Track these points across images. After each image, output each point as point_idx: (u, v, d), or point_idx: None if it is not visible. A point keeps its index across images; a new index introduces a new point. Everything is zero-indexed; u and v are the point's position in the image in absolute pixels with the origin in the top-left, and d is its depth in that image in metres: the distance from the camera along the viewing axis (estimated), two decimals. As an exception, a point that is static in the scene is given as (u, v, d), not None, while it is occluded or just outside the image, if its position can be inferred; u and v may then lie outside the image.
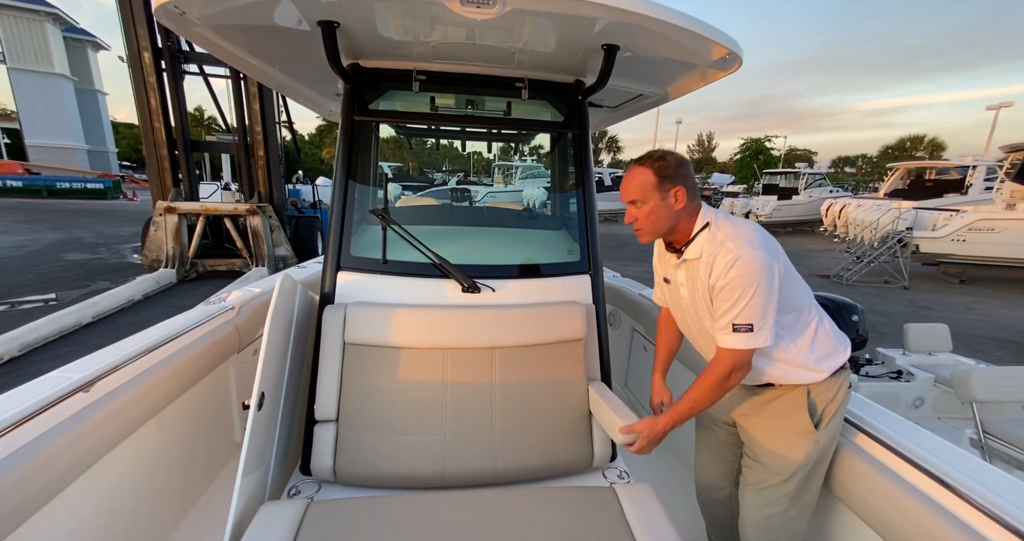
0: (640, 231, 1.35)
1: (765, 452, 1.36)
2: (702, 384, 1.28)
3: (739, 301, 1.20)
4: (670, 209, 1.29)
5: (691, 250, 1.32)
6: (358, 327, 1.63)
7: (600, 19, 1.35)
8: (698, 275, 1.31)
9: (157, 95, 7.75)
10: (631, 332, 2.76)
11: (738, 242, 1.21)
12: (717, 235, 1.27)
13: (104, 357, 1.41)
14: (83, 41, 30.47)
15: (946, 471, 1.08)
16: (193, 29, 1.43)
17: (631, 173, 1.32)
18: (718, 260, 1.22)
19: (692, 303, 1.37)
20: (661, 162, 1.28)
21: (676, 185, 1.27)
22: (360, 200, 1.95)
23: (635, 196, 1.30)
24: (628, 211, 1.35)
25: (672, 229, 1.33)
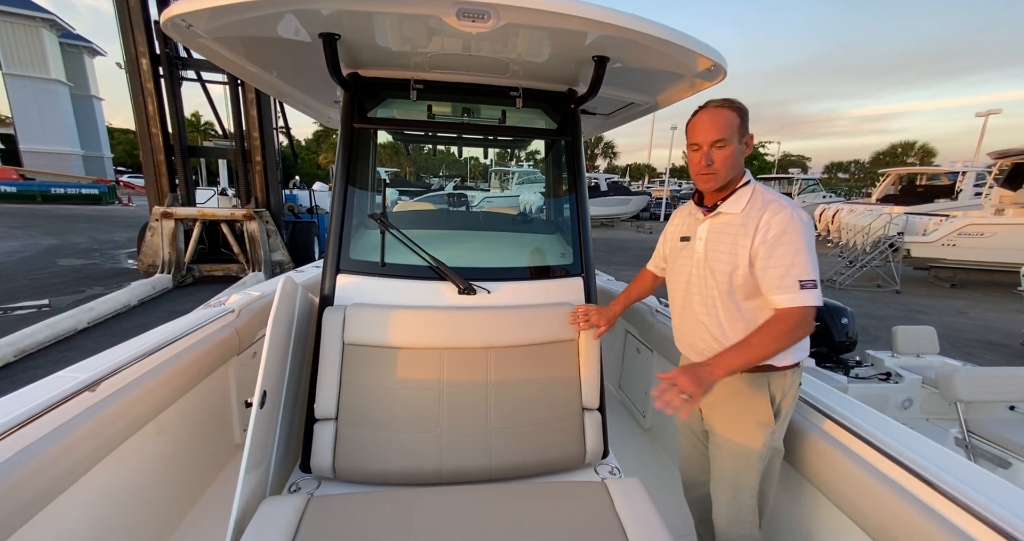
0: (712, 175, 1.31)
1: (727, 442, 1.38)
2: (765, 334, 1.22)
3: (798, 255, 1.19)
4: (742, 155, 1.30)
5: (730, 203, 1.33)
6: (357, 328, 1.67)
7: (590, 33, 1.41)
8: (729, 230, 1.30)
9: (154, 101, 7.78)
10: (624, 334, 2.81)
11: (786, 201, 1.26)
12: (765, 194, 1.30)
13: (108, 358, 1.44)
14: (79, 47, 30.49)
15: (931, 470, 1.11)
16: (199, 41, 1.48)
17: (714, 113, 1.29)
18: (775, 215, 1.22)
19: (703, 261, 1.36)
20: (739, 104, 1.28)
21: (748, 132, 1.31)
22: (359, 205, 2.00)
23: (722, 134, 1.27)
24: (702, 155, 1.30)
25: (730, 182, 1.33)
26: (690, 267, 1.42)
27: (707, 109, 1.31)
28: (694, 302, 1.41)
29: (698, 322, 1.41)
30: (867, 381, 3.27)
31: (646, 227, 21.43)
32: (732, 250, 1.29)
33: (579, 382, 1.79)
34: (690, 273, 1.42)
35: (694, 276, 1.41)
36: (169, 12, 1.26)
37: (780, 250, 1.21)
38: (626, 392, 2.83)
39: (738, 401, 1.36)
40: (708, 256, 1.36)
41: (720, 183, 1.32)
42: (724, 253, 1.31)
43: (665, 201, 26.75)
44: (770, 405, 1.32)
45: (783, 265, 1.21)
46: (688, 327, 1.46)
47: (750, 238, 1.26)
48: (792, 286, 1.20)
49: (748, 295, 1.31)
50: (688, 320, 1.45)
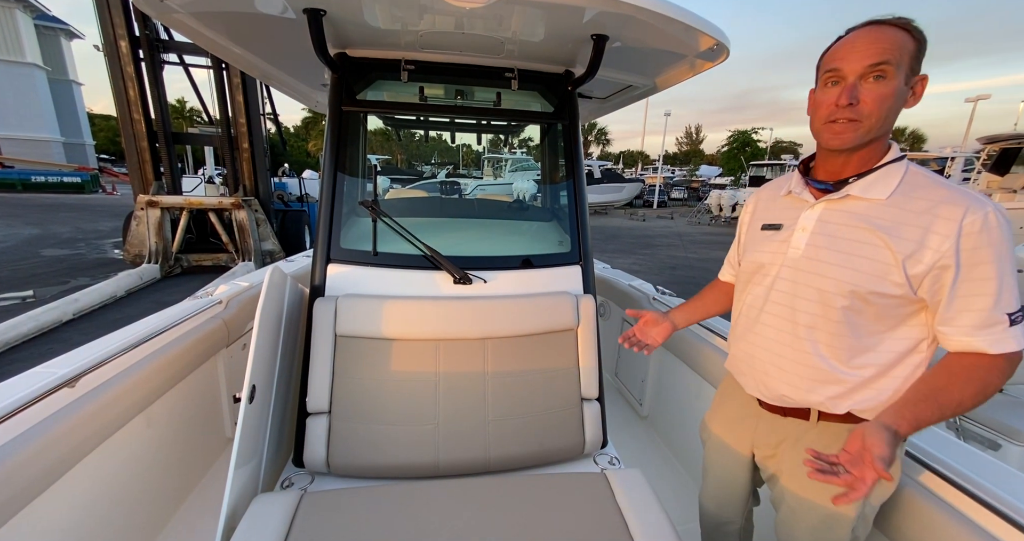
0: (853, 122, 0.88)
1: (802, 502, 1.02)
2: (967, 380, 0.85)
3: (1005, 278, 0.82)
4: (902, 102, 0.88)
5: (869, 185, 0.91)
6: (349, 319, 1.63)
7: (589, 9, 1.34)
8: (864, 225, 0.91)
9: (136, 86, 7.53)
10: (621, 323, 2.79)
11: (974, 193, 0.86)
12: (933, 177, 0.90)
13: (90, 352, 1.39)
14: (56, 29, 29.39)
15: (925, 451, 1.12)
16: (174, 16, 1.39)
17: (877, 30, 0.87)
18: (966, 216, 0.82)
19: (802, 263, 0.98)
20: (921, 32, 0.87)
21: (922, 73, 0.88)
22: (349, 192, 1.94)
23: (887, 56, 0.84)
24: (843, 89, 0.88)
25: (879, 137, 0.91)
26: (776, 269, 1.03)
27: (865, 26, 0.89)
28: (775, 320, 1.03)
29: (780, 354, 1.02)
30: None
31: (639, 214, 21.39)
32: (869, 253, 0.89)
33: (578, 372, 1.77)
34: (775, 277, 1.03)
35: (781, 282, 1.02)
36: None
37: (981, 270, 0.83)
38: (623, 380, 2.82)
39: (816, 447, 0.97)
40: (813, 257, 0.96)
41: (861, 138, 0.89)
42: (854, 256, 0.91)
43: (658, 188, 26.71)
44: None
45: (987, 293, 0.83)
46: (760, 354, 1.07)
47: (912, 242, 0.85)
48: (1001, 323, 0.83)
49: (878, 320, 0.92)
50: (759, 344, 1.07)
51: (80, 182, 22.97)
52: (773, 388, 1.05)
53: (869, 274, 0.89)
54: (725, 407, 1.27)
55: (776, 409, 1.08)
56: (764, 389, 1.08)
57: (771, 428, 1.10)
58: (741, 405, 1.19)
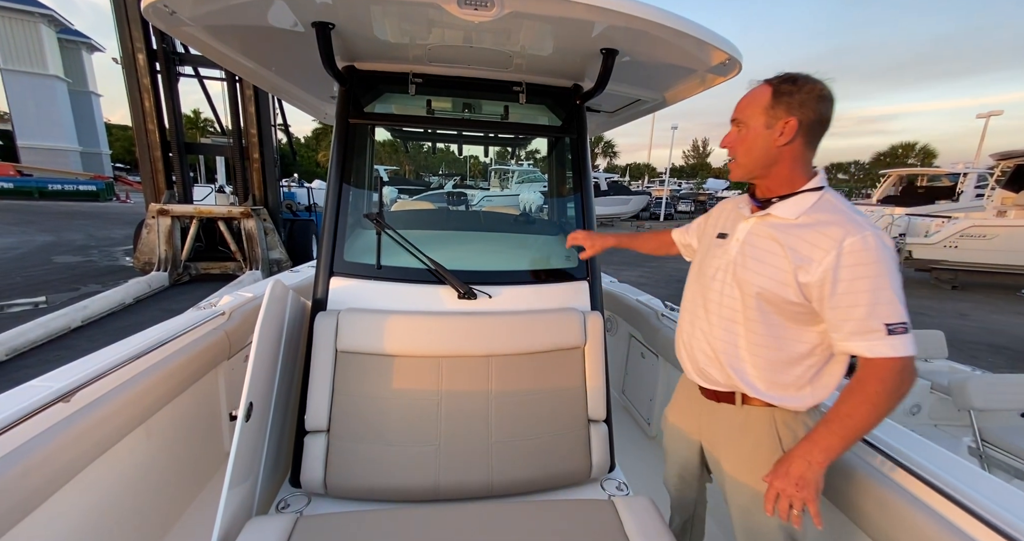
0: (732, 162, 1.13)
1: (735, 485, 1.19)
2: (859, 401, 0.97)
3: (882, 291, 0.94)
4: (770, 142, 1.05)
5: (786, 207, 1.07)
6: (351, 334, 1.60)
7: (599, 23, 1.33)
8: (776, 237, 1.07)
9: (151, 97, 7.70)
10: (628, 338, 2.74)
11: (864, 219, 1.00)
12: (835, 205, 1.04)
13: (88, 364, 1.37)
14: (77, 43, 30.30)
15: (946, 480, 1.06)
16: (184, 29, 1.40)
17: (750, 90, 1.11)
18: (849, 237, 0.96)
19: (733, 269, 1.14)
20: (788, 84, 1.03)
21: (789, 116, 1.03)
22: (355, 204, 1.92)
23: (739, 114, 1.09)
24: (727, 135, 1.14)
25: (766, 171, 1.10)
26: (715, 271, 1.20)
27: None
28: (710, 315, 1.20)
29: (708, 342, 1.20)
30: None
31: (646, 227, 21.37)
32: (773, 262, 1.06)
33: (585, 392, 1.71)
34: (713, 278, 1.20)
35: (717, 283, 1.19)
36: None
37: (858, 284, 0.96)
38: (630, 398, 2.75)
39: (746, 439, 1.17)
40: (739, 262, 1.13)
41: (744, 173, 1.13)
42: (763, 263, 1.08)
43: (665, 201, 26.69)
44: (780, 450, 1.12)
45: (862, 303, 0.95)
46: (696, 345, 1.25)
47: (802, 256, 1.01)
48: (876, 331, 0.95)
49: (784, 321, 1.09)
50: (697, 336, 1.24)
51: (95, 190, 23.43)
52: (704, 371, 1.23)
53: (774, 280, 1.05)
54: (678, 398, 1.44)
55: (710, 394, 1.24)
56: (699, 374, 1.25)
57: (711, 416, 1.26)
58: (689, 397, 1.35)
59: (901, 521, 1.06)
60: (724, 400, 1.21)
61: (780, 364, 1.10)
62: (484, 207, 19.83)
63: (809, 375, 1.10)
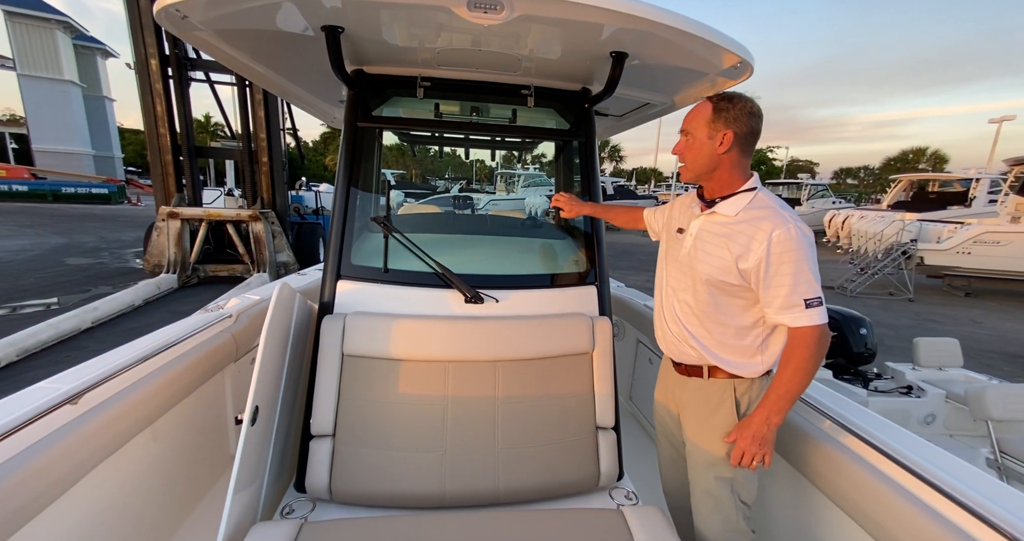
0: (683, 166, 1.35)
1: (697, 449, 1.39)
2: (793, 367, 1.21)
3: (801, 273, 1.16)
4: (712, 150, 1.25)
5: (727, 206, 1.28)
6: (357, 338, 1.59)
7: (609, 26, 1.32)
8: (720, 231, 1.27)
9: (163, 101, 7.80)
10: (636, 344, 2.71)
11: (789, 213, 1.21)
12: (765, 202, 1.24)
13: (96, 367, 1.37)
14: (92, 48, 30.83)
15: (964, 492, 1.03)
16: (196, 34, 1.41)
17: (694, 106, 1.31)
18: (775, 229, 1.17)
19: (688, 260, 1.34)
20: (725, 102, 1.24)
21: (727, 129, 1.23)
22: (362, 207, 1.92)
23: (686, 126, 1.30)
24: (677, 143, 1.35)
25: (710, 174, 1.30)
26: (677, 258, 1.41)
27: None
28: (674, 300, 1.41)
29: (675, 322, 1.40)
30: (888, 395, 3.14)
31: (653, 231, 21.22)
32: (718, 253, 1.26)
33: (593, 399, 1.69)
34: (675, 263, 1.42)
35: (676, 274, 1.40)
36: (163, 1, 1.18)
37: (784, 267, 1.18)
38: (637, 404, 2.72)
39: (707, 407, 1.37)
40: (692, 255, 1.33)
41: (692, 176, 1.34)
42: (710, 255, 1.28)
43: (672, 205, 26.48)
44: (735, 413, 1.32)
45: (786, 284, 1.18)
46: (666, 326, 1.45)
47: (741, 247, 1.22)
48: (798, 305, 1.18)
49: (730, 302, 1.30)
50: (666, 317, 1.45)
51: (107, 193, 23.76)
52: (675, 348, 1.42)
53: (719, 268, 1.26)
54: (661, 377, 1.59)
55: (683, 370, 1.43)
56: (671, 351, 1.45)
57: (683, 389, 1.44)
58: (666, 375, 1.53)
59: (910, 526, 1.04)
60: (694, 374, 1.39)
61: (731, 336, 1.31)
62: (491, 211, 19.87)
63: (757, 344, 1.31)
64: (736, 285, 1.25)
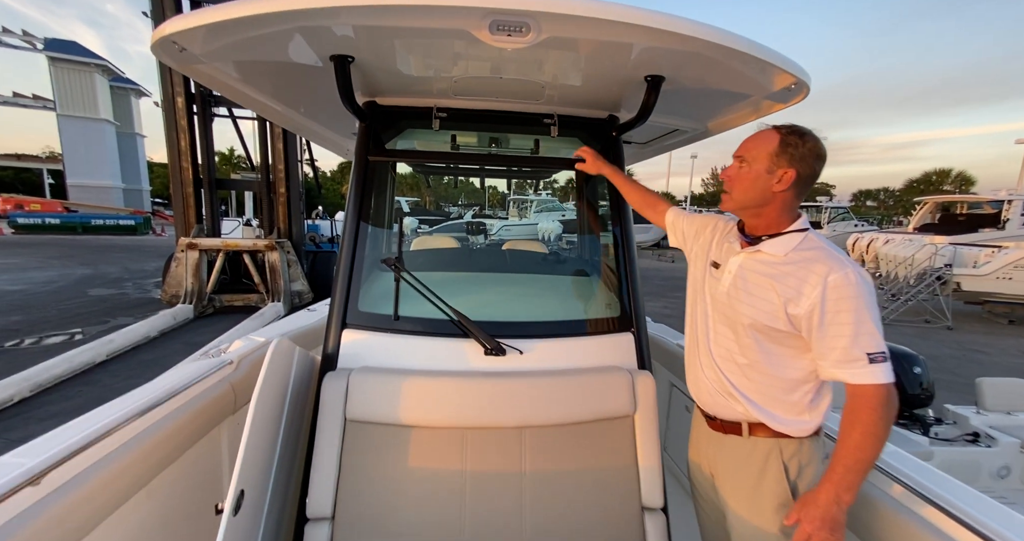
0: (726, 194, 1.23)
1: (740, 522, 1.22)
2: (857, 433, 1.04)
3: (862, 323, 1.04)
4: (767, 185, 1.15)
5: (774, 245, 1.17)
6: (362, 400, 1.41)
7: (648, 47, 1.19)
8: (767, 272, 1.16)
9: (187, 137, 8.06)
10: (669, 388, 2.47)
11: (844, 256, 1.11)
12: (817, 245, 1.14)
13: (70, 434, 1.21)
14: (127, 89, 32.72)
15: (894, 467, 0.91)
16: (197, 67, 1.32)
17: (757, 133, 1.19)
18: (831, 274, 1.06)
19: (728, 300, 1.22)
20: (795, 137, 1.13)
21: (791, 167, 1.12)
22: (372, 246, 1.78)
23: (744, 152, 1.18)
24: (728, 167, 1.23)
25: (757, 210, 1.20)
26: (709, 298, 1.29)
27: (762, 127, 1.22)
28: (710, 344, 1.28)
29: (711, 370, 1.26)
30: (952, 443, 2.82)
31: (668, 256, 20.93)
32: (764, 295, 1.15)
33: (636, 473, 1.46)
34: (708, 305, 1.30)
35: (712, 315, 1.28)
36: (159, 32, 1.09)
37: (841, 316, 1.05)
38: (672, 456, 2.46)
39: (748, 471, 1.21)
40: (732, 294, 1.22)
41: (734, 206, 1.23)
42: (755, 297, 1.17)
43: (687, 230, 26.21)
44: (785, 480, 1.17)
45: (845, 335, 1.05)
46: (700, 374, 1.31)
47: (791, 290, 1.11)
48: (859, 360, 1.04)
49: (777, 350, 1.17)
50: (701, 365, 1.31)
51: (133, 224, 24.56)
52: (710, 399, 1.28)
53: (765, 312, 1.14)
54: (694, 433, 1.44)
55: (717, 426, 1.28)
56: (708, 401, 1.29)
57: (719, 448, 1.29)
58: (699, 430, 1.38)
59: None
60: (731, 431, 1.25)
61: (779, 389, 1.17)
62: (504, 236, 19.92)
63: (807, 401, 1.17)
64: (784, 332, 1.13)
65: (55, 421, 4.60)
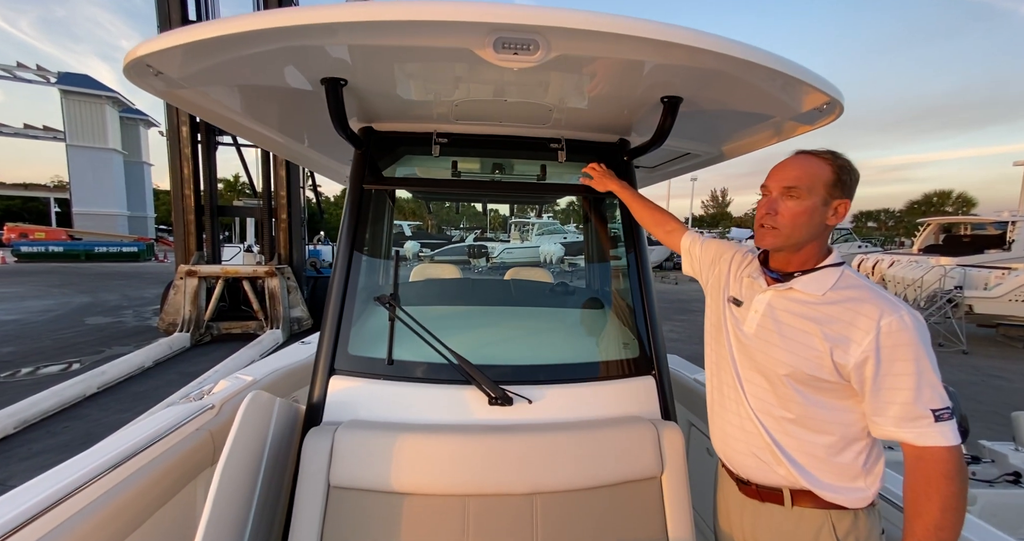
0: (773, 229, 1.06)
1: None
2: (941, 504, 0.89)
3: (924, 374, 0.91)
4: (822, 219, 1.04)
5: (810, 282, 1.05)
6: (348, 462, 1.24)
7: (668, 66, 1.09)
8: (805, 314, 1.03)
9: (190, 165, 8.12)
10: (688, 427, 2.29)
11: (893, 296, 0.98)
12: (859, 280, 1.03)
13: (30, 495, 1.06)
14: (136, 119, 33.50)
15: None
16: (177, 92, 1.23)
17: (801, 160, 1.06)
18: (885, 317, 0.93)
19: (761, 345, 1.08)
20: (847, 165, 1.04)
21: (845, 198, 1.04)
22: (365, 281, 1.65)
23: (798, 183, 1.03)
24: (768, 202, 1.07)
25: (804, 244, 1.07)
26: (735, 342, 1.15)
27: (797, 154, 1.09)
28: (741, 396, 1.13)
29: (752, 427, 1.10)
30: (994, 485, 2.60)
31: (671, 278, 20.76)
32: (806, 341, 1.01)
33: None
34: (732, 352, 1.16)
35: (740, 360, 1.14)
36: (132, 54, 1.00)
37: (899, 366, 0.93)
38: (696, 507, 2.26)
39: None
40: (763, 338, 1.08)
41: (780, 243, 1.07)
42: (795, 342, 1.03)
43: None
44: None
45: (906, 388, 0.92)
46: (729, 430, 1.16)
47: (838, 335, 0.97)
48: (923, 417, 0.91)
49: (820, 402, 1.03)
50: (728, 419, 1.17)
51: (136, 251, 24.68)
52: (743, 460, 1.12)
53: (807, 359, 1.01)
54: (720, 495, 1.28)
55: (752, 491, 1.13)
56: (739, 461, 1.14)
57: (754, 518, 1.13)
58: (728, 494, 1.22)
59: None
60: (769, 499, 1.09)
61: (827, 449, 1.02)
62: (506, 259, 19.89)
63: (861, 461, 1.02)
64: (832, 383, 1.00)
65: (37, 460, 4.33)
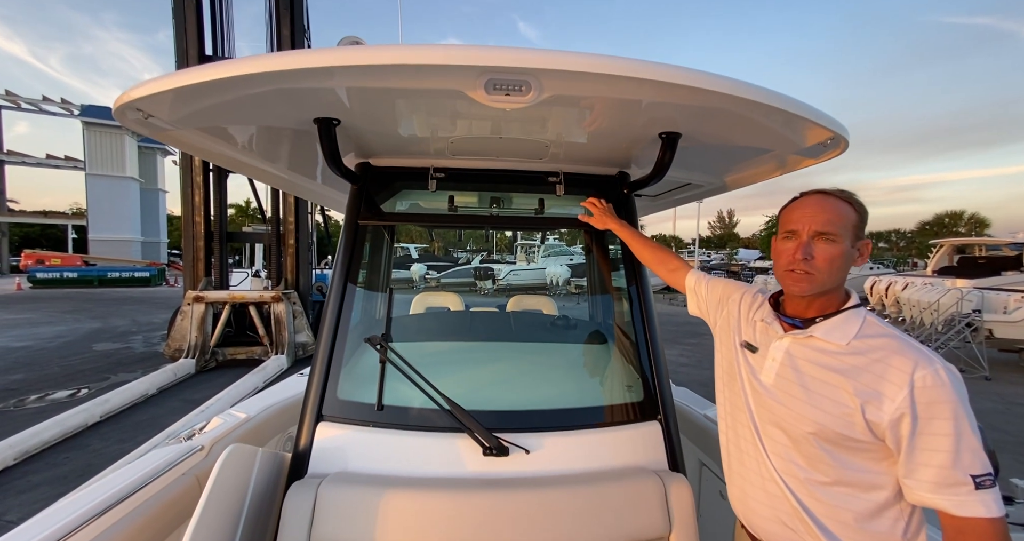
0: (808, 274, 0.99)
1: None
2: None
3: (963, 436, 0.84)
4: (851, 262, 1.01)
5: (832, 329, 0.98)
6: (332, 519, 1.16)
7: (662, 103, 1.07)
8: (828, 365, 0.96)
9: (201, 192, 8.28)
10: (698, 466, 2.18)
11: (921, 346, 0.91)
12: (883, 327, 0.96)
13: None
14: (154, 148, 34.68)
15: None
16: (169, 133, 1.23)
17: (826, 201, 1.01)
18: (921, 370, 0.86)
19: (782, 398, 1.01)
20: (860, 203, 1.02)
21: (866, 238, 1.02)
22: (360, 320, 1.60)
23: (831, 228, 0.98)
24: (798, 245, 1.00)
25: (829, 291, 1.02)
26: (751, 393, 1.08)
27: (815, 194, 1.03)
28: (763, 454, 1.04)
29: (774, 490, 1.02)
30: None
31: (679, 300, 20.55)
32: (834, 395, 0.94)
33: None
34: (748, 402, 1.08)
35: (758, 412, 1.06)
36: (122, 99, 1.00)
37: (937, 425, 0.85)
38: None
39: None
40: (784, 390, 1.01)
41: (816, 289, 1.00)
42: (821, 397, 0.95)
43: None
44: None
45: (944, 450, 0.84)
46: (751, 494, 1.08)
47: (869, 389, 0.90)
48: (963, 484, 0.83)
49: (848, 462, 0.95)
50: (749, 480, 1.08)
51: (148, 276, 25.06)
52: (768, 525, 1.04)
53: (835, 416, 0.93)
54: None
55: None
56: (763, 527, 1.06)
57: None
58: None
59: None
60: None
61: (862, 516, 0.94)
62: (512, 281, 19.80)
63: (900, 529, 0.93)
64: (865, 443, 0.92)
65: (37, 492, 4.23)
